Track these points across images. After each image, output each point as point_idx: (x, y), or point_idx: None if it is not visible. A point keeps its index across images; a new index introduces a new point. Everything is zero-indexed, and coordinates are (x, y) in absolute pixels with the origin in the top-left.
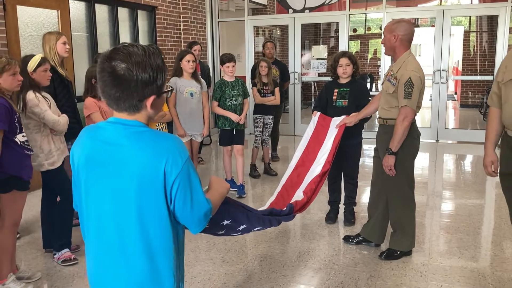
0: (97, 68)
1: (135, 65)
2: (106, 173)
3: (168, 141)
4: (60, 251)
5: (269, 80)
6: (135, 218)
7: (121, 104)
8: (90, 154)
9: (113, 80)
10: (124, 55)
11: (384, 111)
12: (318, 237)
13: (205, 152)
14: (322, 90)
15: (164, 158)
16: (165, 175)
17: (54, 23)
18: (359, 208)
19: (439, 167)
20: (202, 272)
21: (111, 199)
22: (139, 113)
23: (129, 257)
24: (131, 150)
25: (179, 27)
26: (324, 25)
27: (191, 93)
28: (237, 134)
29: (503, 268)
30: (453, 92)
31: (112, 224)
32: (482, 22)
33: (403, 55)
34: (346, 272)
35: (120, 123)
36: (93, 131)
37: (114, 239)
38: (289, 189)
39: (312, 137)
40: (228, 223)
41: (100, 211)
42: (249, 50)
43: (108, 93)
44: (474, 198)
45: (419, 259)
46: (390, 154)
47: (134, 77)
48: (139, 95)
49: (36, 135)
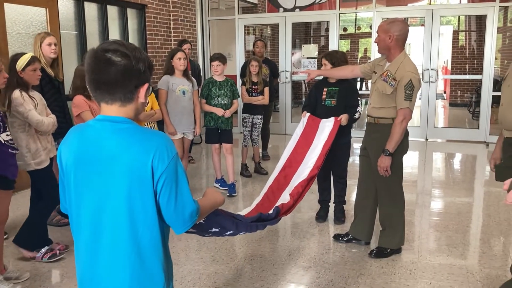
0: (89, 60)
1: (132, 53)
2: (96, 171)
3: (155, 137)
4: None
5: (259, 79)
6: (125, 215)
7: (117, 93)
8: (79, 153)
9: (111, 67)
10: (118, 45)
11: (375, 110)
12: (308, 235)
13: (196, 151)
14: (312, 89)
15: (151, 153)
16: (153, 171)
17: (43, 21)
18: (349, 206)
19: (429, 166)
20: (192, 271)
21: (101, 197)
22: (130, 104)
23: (119, 256)
24: (119, 147)
25: (169, 25)
26: (314, 24)
27: (183, 91)
28: (224, 133)
29: (491, 265)
30: (442, 91)
31: (103, 222)
32: (471, 22)
33: (400, 56)
34: (336, 270)
35: (108, 120)
36: (81, 130)
37: (105, 237)
38: (275, 191)
39: (301, 138)
40: (216, 230)
41: (91, 210)
42: (239, 49)
43: (104, 81)
44: (463, 196)
45: (409, 257)
46: (388, 155)
47: (132, 64)
48: (136, 81)
49: (21, 134)
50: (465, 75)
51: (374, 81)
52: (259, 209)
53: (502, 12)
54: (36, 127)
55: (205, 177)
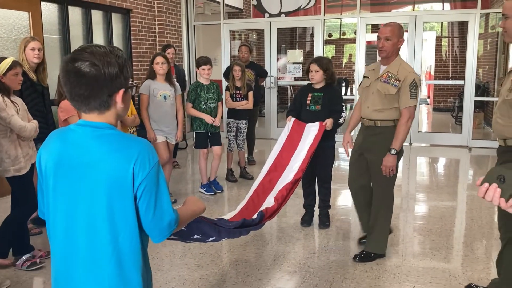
0: (61, 72)
1: (100, 61)
2: (75, 177)
3: (137, 144)
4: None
5: (243, 84)
6: (105, 222)
7: (91, 103)
8: (59, 157)
9: (81, 79)
10: (87, 54)
11: (376, 113)
12: (293, 240)
13: (181, 157)
14: (297, 94)
15: (132, 160)
16: (133, 178)
17: (25, 25)
18: (333, 211)
19: (412, 170)
20: (176, 277)
21: (81, 202)
22: (109, 111)
23: (98, 262)
24: (100, 153)
25: (154, 30)
26: (300, 30)
27: (164, 96)
28: (213, 137)
29: (473, 268)
30: (426, 96)
31: (82, 228)
32: (454, 28)
33: (397, 58)
34: (321, 275)
35: (89, 126)
36: (62, 134)
37: (83, 244)
38: (260, 195)
39: (286, 142)
40: (198, 237)
41: (70, 215)
42: (225, 54)
43: (77, 94)
44: (446, 200)
45: (393, 261)
46: (394, 154)
47: (102, 72)
48: (108, 89)
49: (2, 140)
50: (448, 80)
51: (367, 85)
52: (243, 213)
53: (484, 18)
54: (19, 133)
55: (191, 182)
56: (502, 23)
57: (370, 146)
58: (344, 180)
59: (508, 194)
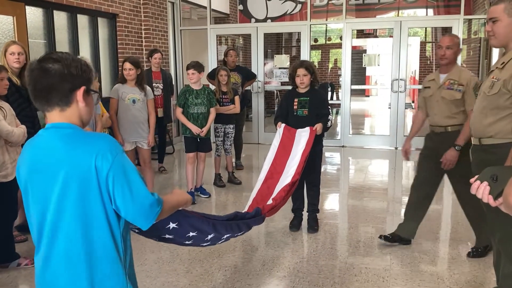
0: (26, 72)
1: (63, 60)
2: (44, 179)
3: (98, 138)
4: None
5: (228, 89)
6: (77, 221)
7: (53, 98)
8: (31, 163)
9: (43, 74)
10: (52, 55)
11: (446, 120)
12: (282, 244)
13: (168, 162)
14: (282, 100)
15: (93, 154)
16: (97, 172)
17: (10, 29)
18: (322, 215)
19: (398, 174)
20: (165, 284)
21: (53, 203)
22: (70, 107)
23: (72, 264)
24: (64, 152)
25: (141, 35)
26: (286, 35)
27: (133, 99)
28: (202, 142)
29: (460, 271)
30: (410, 101)
31: (56, 230)
32: (437, 33)
33: (456, 65)
34: (310, 279)
35: (53, 127)
36: (32, 141)
37: (59, 245)
38: (259, 202)
39: (279, 149)
40: (194, 235)
41: (44, 217)
42: (212, 59)
43: (39, 89)
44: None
45: (381, 265)
46: (458, 150)
47: (63, 68)
48: (69, 83)
49: None
50: None
51: (431, 94)
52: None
53: (466, 24)
54: (6, 138)
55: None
56: (489, 27)
57: (444, 152)
58: (332, 184)
59: (497, 193)
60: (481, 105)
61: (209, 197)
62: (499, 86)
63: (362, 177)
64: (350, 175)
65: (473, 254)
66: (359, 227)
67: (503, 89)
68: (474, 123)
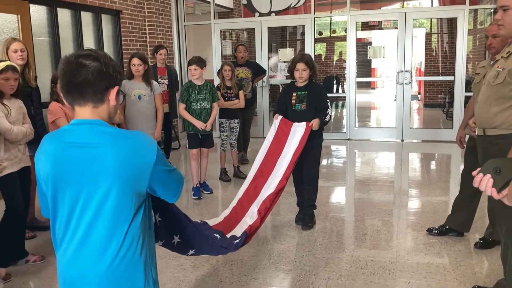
0: (62, 65)
1: (102, 58)
2: (78, 172)
3: (138, 137)
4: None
5: (233, 84)
6: (110, 211)
7: (88, 93)
8: (57, 157)
9: (81, 69)
10: (90, 51)
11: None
12: (288, 238)
13: (174, 157)
14: (281, 95)
15: (139, 152)
16: (142, 168)
17: (14, 28)
18: (328, 208)
19: (405, 166)
20: (172, 279)
21: (85, 196)
22: (102, 105)
23: (105, 250)
24: (106, 148)
25: (145, 31)
26: (290, 28)
27: (138, 95)
28: (205, 138)
29: (467, 263)
30: (417, 93)
31: (89, 220)
32: (443, 24)
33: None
34: (317, 272)
35: (86, 123)
36: (56, 135)
37: (95, 233)
38: (244, 204)
39: (272, 144)
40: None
41: (76, 209)
42: (216, 54)
43: (74, 83)
44: (439, 195)
45: (387, 257)
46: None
47: (102, 66)
48: (106, 82)
49: None
50: (438, 76)
51: (478, 81)
52: (226, 223)
53: (472, 14)
54: (4, 135)
55: (188, 182)
56: (499, 15)
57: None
58: (338, 177)
59: (500, 185)
60: (486, 95)
61: (211, 193)
62: (504, 76)
63: (368, 169)
64: (356, 168)
65: (480, 245)
66: (365, 220)
67: (508, 79)
68: (478, 113)
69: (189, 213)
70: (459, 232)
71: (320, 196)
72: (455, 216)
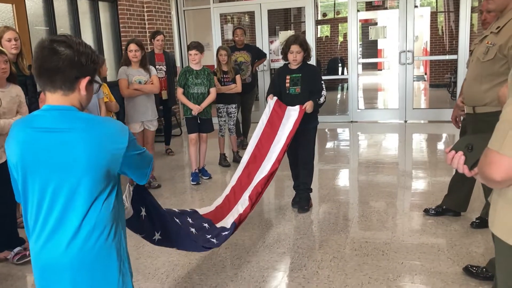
0: (36, 49)
1: (75, 46)
2: (46, 157)
3: (109, 122)
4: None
5: (229, 68)
6: (82, 196)
7: (57, 80)
8: (26, 143)
9: (53, 55)
10: (65, 37)
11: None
12: (284, 222)
13: (176, 144)
14: (274, 77)
15: (111, 137)
16: (114, 153)
17: (9, 17)
18: (325, 191)
19: (409, 147)
20: (166, 263)
21: (55, 180)
22: (72, 94)
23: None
24: (77, 133)
25: (143, 17)
26: (294, 10)
27: (139, 81)
28: (203, 122)
29: (462, 242)
30: (423, 73)
31: (61, 205)
32: (449, 2)
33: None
34: (310, 254)
35: (56, 109)
36: (26, 121)
37: (67, 219)
38: (237, 192)
39: (266, 127)
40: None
41: (46, 195)
42: (216, 38)
43: (45, 68)
44: (439, 175)
45: (382, 238)
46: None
47: (74, 55)
48: (77, 71)
49: None
50: (442, 55)
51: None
52: (217, 212)
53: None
54: None
55: (187, 168)
56: None
57: None
58: (338, 160)
59: (472, 163)
60: (475, 72)
61: (210, 178)
62: (494, 52)
63: (371, 151)
64: (360, 150)
65: (477, 225)
66: (363, 202)
67: (499, 54)
68: (467, 91)
69: (187, 199)
70: (456, 212)
71: (320, 178)
72: (451, 196)
